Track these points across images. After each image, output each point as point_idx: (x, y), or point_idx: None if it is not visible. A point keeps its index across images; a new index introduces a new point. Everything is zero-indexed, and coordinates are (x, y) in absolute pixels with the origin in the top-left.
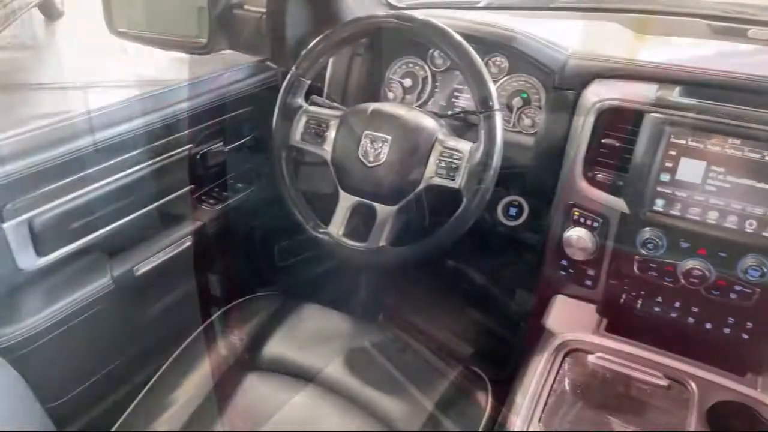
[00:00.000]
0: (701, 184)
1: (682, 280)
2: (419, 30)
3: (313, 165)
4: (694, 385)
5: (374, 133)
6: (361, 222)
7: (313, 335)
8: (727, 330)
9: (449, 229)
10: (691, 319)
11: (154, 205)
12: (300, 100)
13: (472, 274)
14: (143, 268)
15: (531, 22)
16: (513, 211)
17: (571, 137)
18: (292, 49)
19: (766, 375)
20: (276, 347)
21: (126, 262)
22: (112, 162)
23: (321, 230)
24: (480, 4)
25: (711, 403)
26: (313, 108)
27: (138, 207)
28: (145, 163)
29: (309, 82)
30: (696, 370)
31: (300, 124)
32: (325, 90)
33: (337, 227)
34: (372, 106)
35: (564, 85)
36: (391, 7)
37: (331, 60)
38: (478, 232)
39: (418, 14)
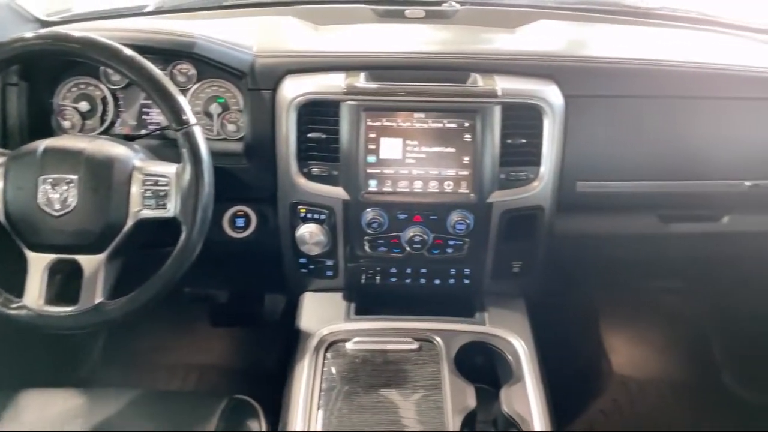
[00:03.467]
0: (402, 159)
1: (408, 248)
2: (81, 50)
3: None
4: (439, 339)
5: (54, 176)
6: (67, 281)
7: (37, 427)
8: (452, 281)
9: (175, 262)
10: (422, 281)
11: None
12: None
13: (214, 296)
14: None
15: (209, 24)
16: (240, 221)
17: (278, 136)
18: None
19: (489, 311)
20: None
21: None
22: None
23: (14, 305)
24: (147, 9)
25: (455, 349)
26: None
27: None
28: None
29: None
30: (438, 325)
31: None
32: None
33: (34, 296)
34: (44, 143)
35: (258, 86)
36: (43, 24)
37: None
38: (210, 252)
39: (77, 30)
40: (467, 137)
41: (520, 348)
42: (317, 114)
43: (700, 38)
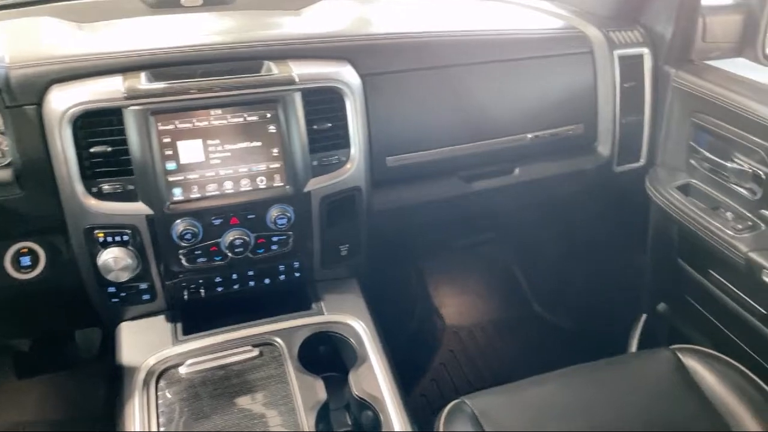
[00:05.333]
0: (206, 160)
1: (230, 254)
2: None
3: None
4: (279, 340)
5: None
6: None
7: None
8: (282, 277)
9: None
10: (251, 283)
11: None
12: None
13: (15, 345)
14: None
15: None
16: (26, 260)
17: (53, 156)
18: None
19: (325, 299)
20: None
21: None
22: None
23: None
24: None
25: (297, 346)
26: None
27: None
28: None
29: None
30: (276, 325)
31: None
32: None
33: None
34: None
35: (18, 101)
36: None
37: None
38: None
39: None
40: (272, 128)
41: (360, 329)
42: (97, 125)
43: (475, 7)
